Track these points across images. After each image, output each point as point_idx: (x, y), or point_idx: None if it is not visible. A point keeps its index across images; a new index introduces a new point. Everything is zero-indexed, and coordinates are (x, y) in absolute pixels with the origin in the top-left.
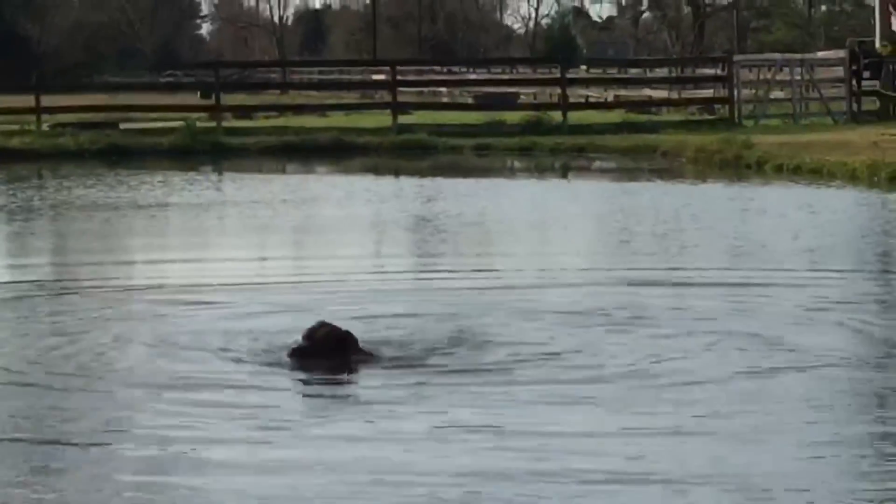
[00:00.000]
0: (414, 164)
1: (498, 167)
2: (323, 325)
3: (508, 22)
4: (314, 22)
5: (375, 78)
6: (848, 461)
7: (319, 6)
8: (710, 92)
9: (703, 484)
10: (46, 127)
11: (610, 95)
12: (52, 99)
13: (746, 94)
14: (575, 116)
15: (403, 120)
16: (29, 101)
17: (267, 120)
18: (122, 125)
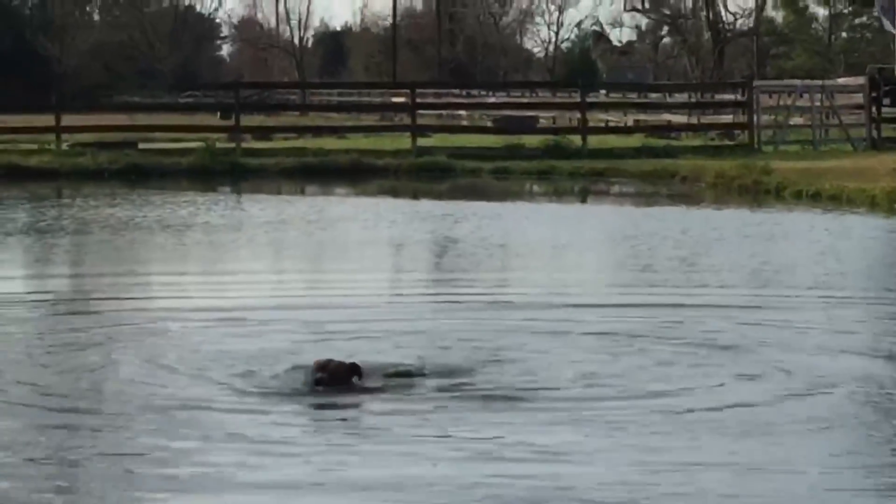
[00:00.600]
0: (433, 186)
1: (517, 191)
2: (329, 360)
3: (528, 45)
4: (334, 44)
5: (395, 100)
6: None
7: (339, 28)
8: (729, 117)
9: None
10: (66, 146)
11: (629, 120)
12: (71, 118)
13: (766, 119)
14: (594, 140)
15: (423, 143)
16: (49, 120)
17: (286, 141)
18: (141, 145)
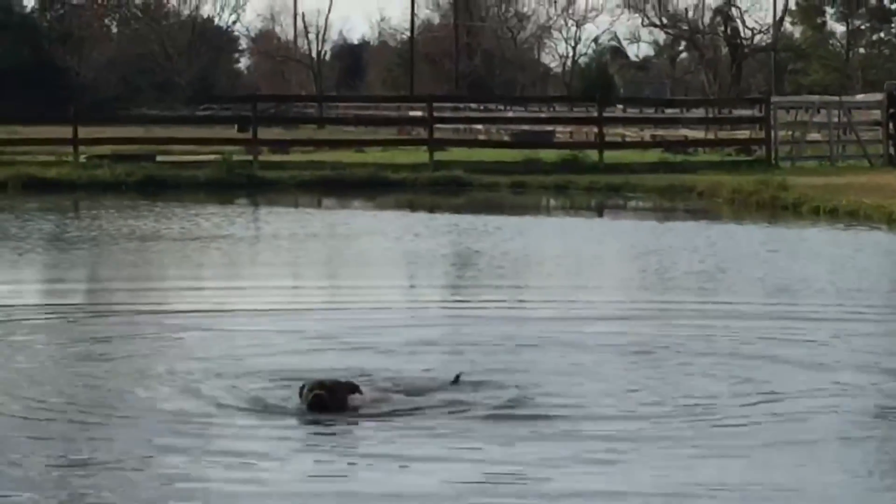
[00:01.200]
0: (450, 200)
1: (534, 205)
2: (324, 381)
3: (546, 60)
4: (352, 57)
5: (412, 114)
6: None
7: (357, 41)
8: (746, 133)
9: None
10: (83, 158)
11: (647, 135)
12: (89, 131)
13: (783, 135)
14: (611, 155)
15: (440, 156)
16: (66, 132)
17: (303, 154)
18: (158, 158)
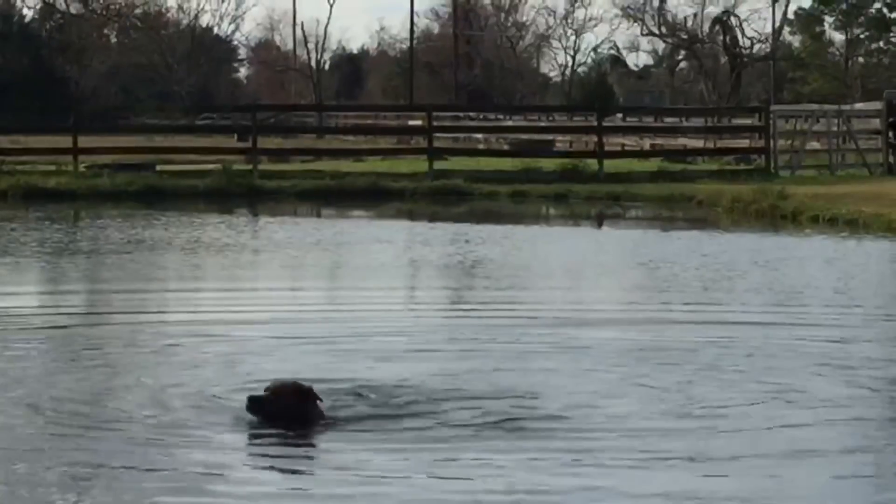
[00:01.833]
0: (449, 209)
1: (533, 214)
2: (286, 382)
3: (545, 69)
4: (351, 67)
5: (412, 123)
6: None
7: (357, 51)
8: (746, 142)
9: None
10: (83, 168)
11: (646, 144)
12: (89, 140)
13: (783, 144)
14: (611, 164)
15: (439, 166)
16: (66, 141)
17: (303, 164)
18: (158, 167)
